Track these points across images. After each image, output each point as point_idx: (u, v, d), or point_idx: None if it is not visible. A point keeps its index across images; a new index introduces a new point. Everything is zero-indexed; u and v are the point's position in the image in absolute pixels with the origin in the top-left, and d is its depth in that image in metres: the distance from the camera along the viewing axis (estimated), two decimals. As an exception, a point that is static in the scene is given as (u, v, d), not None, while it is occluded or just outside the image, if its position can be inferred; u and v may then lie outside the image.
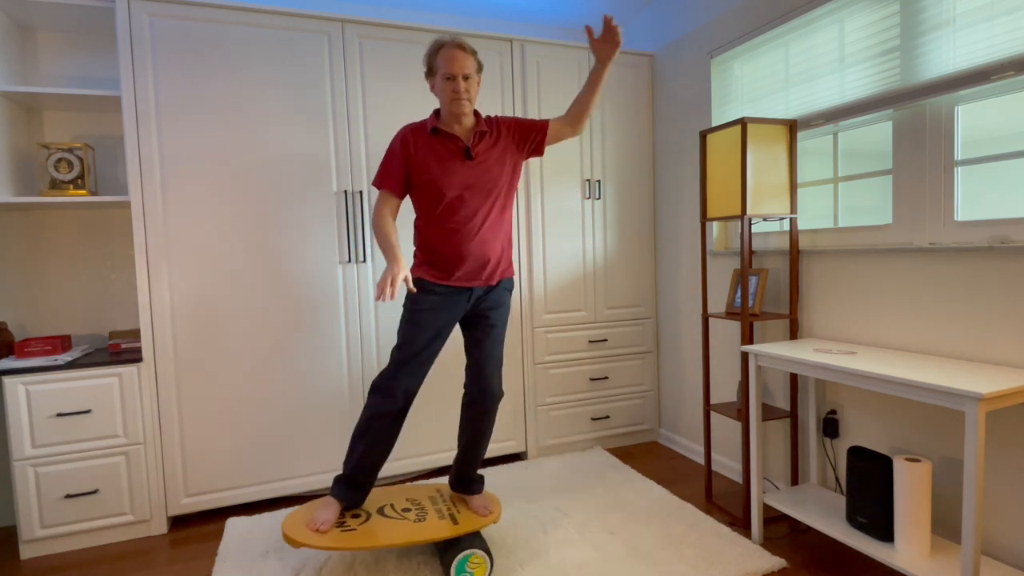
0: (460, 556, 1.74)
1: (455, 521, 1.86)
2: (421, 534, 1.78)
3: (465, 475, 2.00)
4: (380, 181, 1.86)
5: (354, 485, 1.88)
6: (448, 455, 2.67)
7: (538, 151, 1.97)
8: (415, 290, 1.81)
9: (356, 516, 1.88)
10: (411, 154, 1.83)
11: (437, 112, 1.87)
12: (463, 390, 2.00)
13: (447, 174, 1.82)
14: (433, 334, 1.84)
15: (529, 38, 2.71)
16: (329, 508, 1.83)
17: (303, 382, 2.41)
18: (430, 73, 1.82)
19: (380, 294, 1.67)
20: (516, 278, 2.75)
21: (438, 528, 1.81)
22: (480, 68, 1.83)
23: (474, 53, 1.79)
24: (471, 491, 1.99)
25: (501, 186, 1.88)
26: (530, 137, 1.94)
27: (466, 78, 1.77)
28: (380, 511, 1.92)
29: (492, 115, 1.95)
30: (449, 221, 1.83)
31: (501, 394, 1.95)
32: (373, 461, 1.86)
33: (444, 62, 1.76)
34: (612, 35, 1.77)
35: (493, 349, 1.92)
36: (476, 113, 1.88)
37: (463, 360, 2.67)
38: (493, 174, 1.87)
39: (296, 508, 1.91)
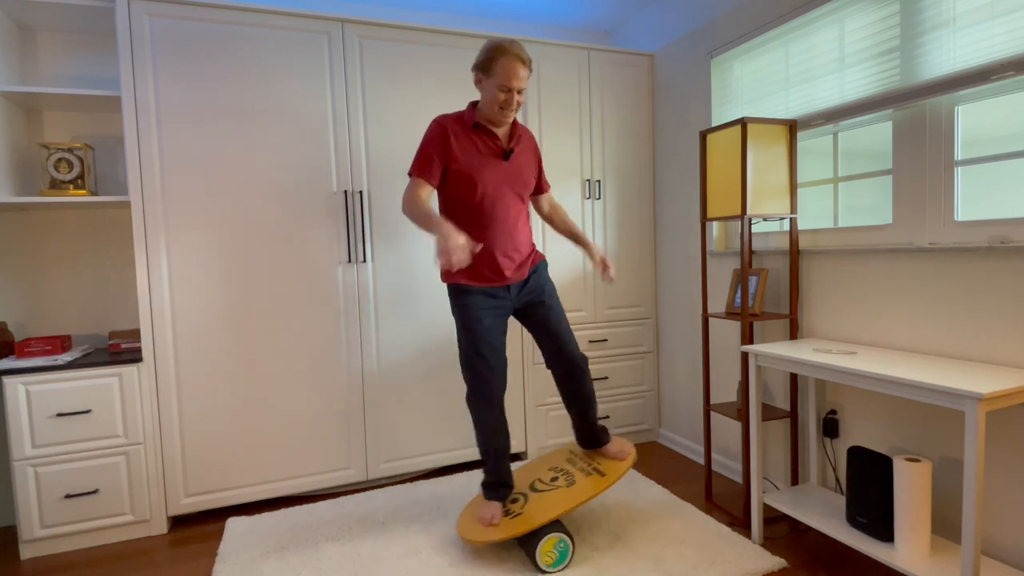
0: (548, 538, 1.80)
1: (602, 473, 1.98)
2: (581, 494, 1.90)
3: (590, 432, 2.12)
4: (417, 169, 1.85)
5: (501, 483, 1.97)
6: (449, 455, 2.67)
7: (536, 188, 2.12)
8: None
9: (515, 501, 1.98)
10: (451, 145, 1.85)
11: (474, 104, 1.91)
12: (548, 370, 2.17)
13: (484, 169, 1.86)
14: (492, 331, 1.90)
15: (529, 38, 2.71)
16: (490, 505, 1.92)
17: (303, 382, 2.41)
18: (482, 71, 1.81)
19: (447, 261, 1.56)
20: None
21: (591, 484, 1.94)
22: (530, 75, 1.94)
23: (530, 62, 1.83)
24: (602, 443, 2.12)
25: (528, 186, 1.99)
26: (540, 173, 2.09)
27: (520, 91, 1.82)
28: (532, 487, 2.02)
29: (522, 124, 2.08)
30: (482, 216, 1.88)
31: (586, 359, 2.06)
32: (504, 459, 1.97)
33: (504, 73, 1.76)
34: (605, 270, 2.04)
35: (559, 325, 2.00)
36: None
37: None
38: (524, 175, 1.96)
39: (461, 513, 2.03)
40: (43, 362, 2.06)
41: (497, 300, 1.92)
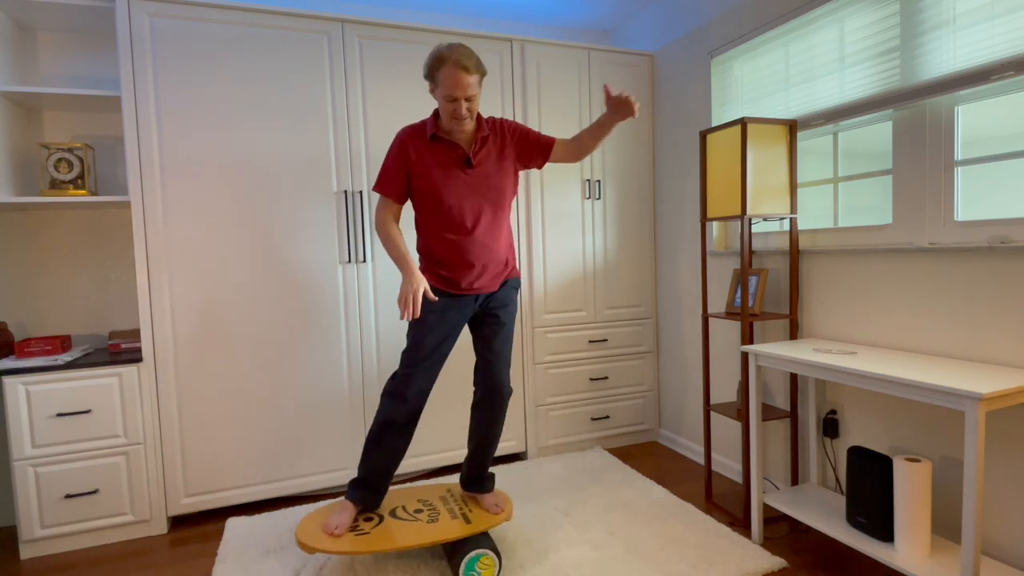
0: (470, 556, 1.74)
1: (468, 520, 1.86)
2: (435, 535, 1.78)
3: (476, 474, 2.01)
4: (380, 186, 1.84)
5: (369, 488, 1.88)
6: (449, 455, 2.67)
7: (536, 164, 1.95)
8: (435, 299, 1.78)
9: (369, 520, 1.88)
10: (411, 160, 1.80)
11: (437, 113, 1.82)
12: (472, 388, 1.99)
13: (447, 181, 1.79)
14: (442, 336, 1.84)
15: (529, 38, 2.71)
16: (344, 512, 1.83)
17: (303, 382, 2.41)
18: (430, 80, 1.74)
19: (404, 313, 1.69)
20: (516, 278, 2.75)
21: (451, 528, 1.82)
22: (483, 78, 1.74)
23: (477, 69, 1.69)
24: (483, 489, 2.00)
25: (501, 192, 1.86)
26: (531, 150, 1.91)
27: (468, 99, 1.70)
28: (392, 513, 1.92)
29: (497, 117, 1.91)
30: (451, 229, 1.81)
31: (511, 392, 1.96)
32: (387, 464, 1.87)
33: (446, 83, 1.67)
34: (628, 107, 1.74)
35: (502, 348, 1.92)
36: (478, 116, 1.83)
37: (468, 359, 2.66)
38: (493, 180, 1.84)
39: (310, 512, 1.91)
40: (43, 362, 2.06)
41: (459, 310, 1.86)
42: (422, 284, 1.72)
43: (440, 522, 1.86)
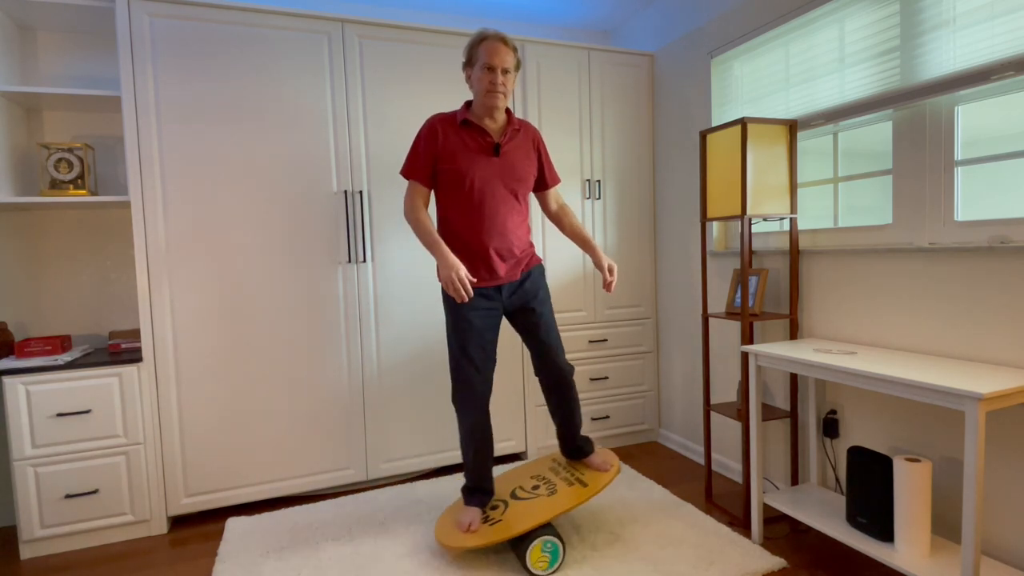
0: (535, 544, 1.77)
1: (584, 484, 1.96)
2: (561, 504, 1.87)
3: (574, 442, 2.11)
4: (408, 170, 1.88)
5: (481, 490, 1.97)
6: (449, 455, 2.67)
7: (534, 187, 2.05)
8: (475, 280, 1.85)
9: (495, 508, 1.96)
10: (439, 143, 1.84)
11: (468, 104, 1.89)
12: (535, 376, 2.14)
13: (473, 166, 1.84)
14: (483, 332, 1.88)
15: (529, 38, 2.71)
16: (470, 511, 1.91)
17: (303, 382, 2.41)
18: (468, 64, 1.84)
19: (457, 298, 1.74)
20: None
21: (573, 494, 1.92)
22: (518, 66, 1.86)
23: (515, 50, 1.82)
24: (586, 453, 2.11)
25: (524, 182, 1.93)
26: (542, 168, 2.02)
27: (504, 72, 1.80)
28: (513, 495, 2.01)
29: (524, 119, 2.00)
30: (473, 214, 1.85)
31: (572, 369, 2.06)
32: (486, 466, 1.97)
33: (485, 53, 1.78)
34: (607, 282, 1.99)
35: (548, 335, 1.98)
36: (508, 111, 1.91)
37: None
38: (519, 171, 1.91)
39: (440, 517, 2.00)
40: (43, 362, 2.06)
41: (489, 301, 1.90)
42: (459, 266, 1.74)
43: (559, 492, 1.95)
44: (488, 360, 1.90)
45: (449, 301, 1.90)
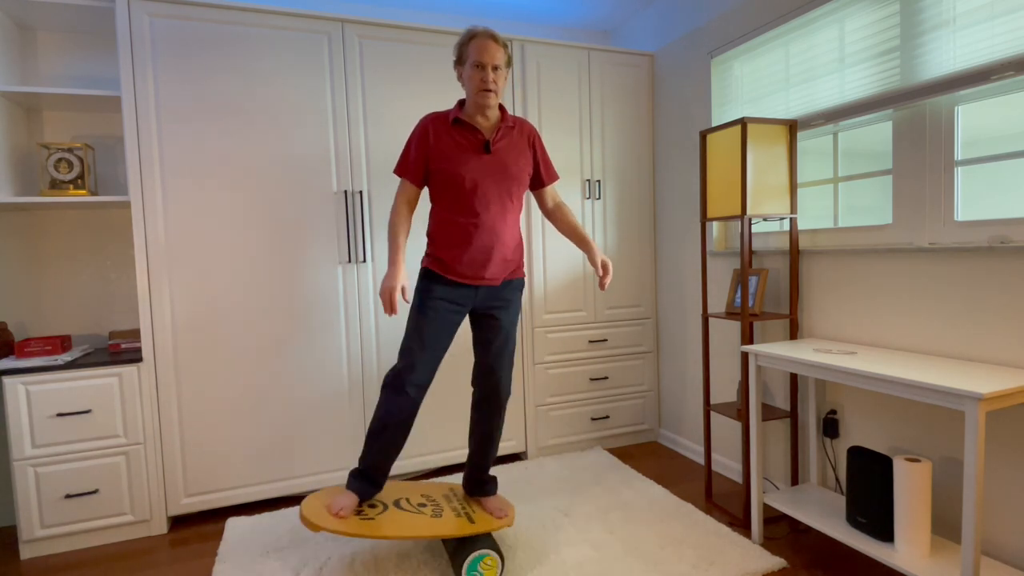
0: (473, 556, 1.74)
1: (471, 520, 1.86)
2: (439, 529, 1.79)
3: (478, 476, 2.01)
4: (399, 168, 1.88)
5: (369, 479, 1.89)
6: (451, 455, 2.66)
7: (531, 185, 2.02)
8: (453, 284, 1.85)
9: (373, 506, 1.89)
10: (430, 142, 1.83)
11: (461, 103, 1.87)
12: (471, 388, 1.99)
13: (464, 164, 1.82)
14: (441, 328, 1.84)
15: (529, 38, 2.71)
16: (347, 496, 1.83)
17: (303, 382, 2.41)
18: (459, 62, 1.83)
19: (388, 310, 1.78)
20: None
21: (455, 525, 1.82)
22: (509, 63, 1.84)
23: (505, 46, 1.80)
24: (485, 493, 2.00)
25: (516, 181, 1.89)
26: (539, 165, 1.98)
27: (495, 69, 1.78)
28: (396, 503, 1.93)
29: (520, 117, 1.96)
30: (462, 211, 1.83)
31: (509, 394, 1.96)
32: (387, 456, 1.87)
33: (475, 50, 1.76)
34: (601, 278, 1.97)
35: (503, 349, 1.92)
36: (502, 108, 1.89)
37: (469, 357, 2.66)
38: (510, 169, 1.87)
39: (313, 493, 1.91)
40: (43, 362, 2.06)
41: (461, 297, 1.86)
42: (399, 284, 1.79)
43: (444, 518, 1.86)
44: (438, 356, 1.85)
45: (423, 286, 1.86)
